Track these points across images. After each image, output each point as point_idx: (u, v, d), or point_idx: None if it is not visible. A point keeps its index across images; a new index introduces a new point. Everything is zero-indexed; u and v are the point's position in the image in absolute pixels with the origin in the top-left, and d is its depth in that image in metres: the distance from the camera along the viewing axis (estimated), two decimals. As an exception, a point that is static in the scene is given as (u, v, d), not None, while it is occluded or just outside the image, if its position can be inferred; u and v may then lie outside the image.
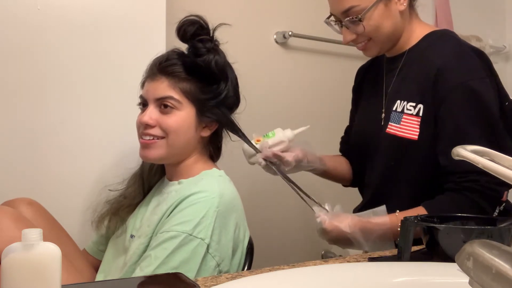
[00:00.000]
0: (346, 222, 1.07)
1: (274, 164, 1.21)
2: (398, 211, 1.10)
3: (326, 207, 1.13)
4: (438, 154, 1.12)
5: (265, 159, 1.21)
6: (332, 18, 1.23)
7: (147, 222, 1.10)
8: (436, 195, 1.13)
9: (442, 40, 1.19)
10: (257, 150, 1.22)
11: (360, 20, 1.15)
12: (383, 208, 1.14)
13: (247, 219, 1.16)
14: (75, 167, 1.37)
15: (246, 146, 1.24)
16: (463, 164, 1.07)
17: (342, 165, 1.42)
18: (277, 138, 1.25)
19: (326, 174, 1.37)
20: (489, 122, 1.11)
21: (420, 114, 1.14)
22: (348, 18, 1.16)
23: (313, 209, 1.13)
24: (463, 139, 1.06)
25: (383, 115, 1.24)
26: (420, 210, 1.07)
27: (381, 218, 1.09)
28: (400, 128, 1.17)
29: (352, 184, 1.45)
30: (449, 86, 1.11)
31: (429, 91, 1.13)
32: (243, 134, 1.19)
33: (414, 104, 1.15)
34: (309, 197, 1.19)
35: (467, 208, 1.03)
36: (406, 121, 1.16)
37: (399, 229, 1.03)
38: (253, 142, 1.24)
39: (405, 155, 1.16)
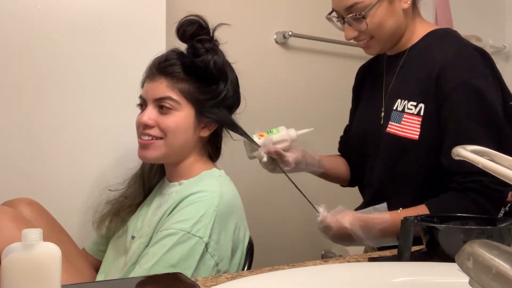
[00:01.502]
0: (346, 218, 1.08)
1: (275, 160, 1.21)
2: (401, 208, 1.11)
3: (321, 209, 1.13)
4: (441, 154, 1.11)
5: (267, 155, 1.20)
6: (334, 14, 1.22)
7: (148, 222, 1.10)
8: (436, 194, 1.12)
9: (444, 39, 1.19)
10: (257, 145, 1.21)
11: (363, 17, 1.14)
12: (384, 205, 1.15)
13: (247, 219, 1.16)
14: (75, 167, 1.36)
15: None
16: (465, 164, 1.07)
17: (340, 166, 1.41)
18: (280, 135, 1.24)
19: (324, 175, 1.38)
20: (493, 121, 1.09)
21: (421, 113, 1.13)
22: (351, 15, 1.15)
23: (315, 208, 1.13)
24: (466, 138, 1.05)
25: (383, 114, 1.23)
26: (422, 209, 1.07)
27: (382, 214, 1.10)
28: (400, 127, 1.16)
29: (350, 184, 1.44)
30: (452, 85, 1.10)
31: (431, 91, 1.12)
32: (244, 133, 1.19)
33: (415, 103, 1.15)
34: (306, 198, 1.18)
35: (470, 209, 1.03)
36: (407, 121, 1.15)
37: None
38: (255, 136, 1.23)
39: (405, 155, 1.16)
